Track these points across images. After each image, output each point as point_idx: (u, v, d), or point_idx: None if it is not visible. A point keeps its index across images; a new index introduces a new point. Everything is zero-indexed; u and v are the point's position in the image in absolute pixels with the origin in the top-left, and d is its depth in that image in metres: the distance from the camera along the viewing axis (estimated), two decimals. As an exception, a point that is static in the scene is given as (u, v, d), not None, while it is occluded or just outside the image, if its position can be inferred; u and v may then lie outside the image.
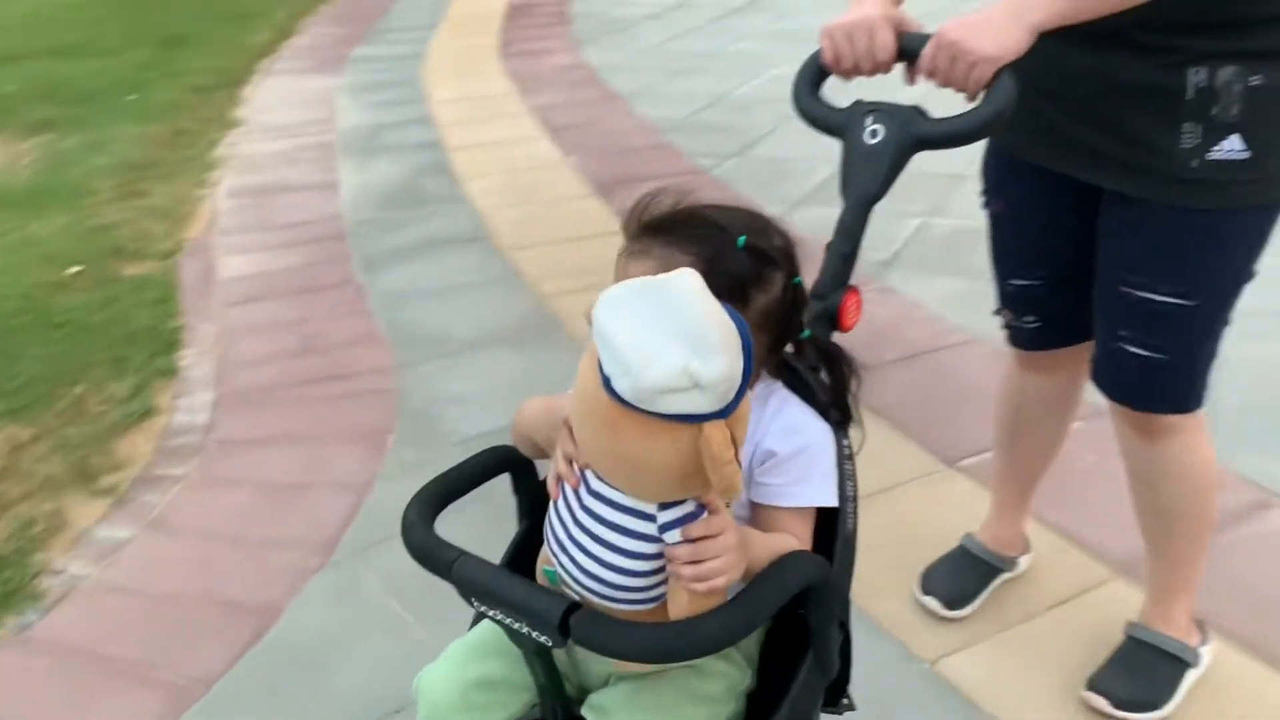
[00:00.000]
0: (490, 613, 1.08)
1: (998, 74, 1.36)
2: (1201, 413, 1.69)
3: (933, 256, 3.61)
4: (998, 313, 1.94)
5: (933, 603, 2.04)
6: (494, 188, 4.46)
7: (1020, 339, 1.92)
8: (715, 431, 0.95)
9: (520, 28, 7.35)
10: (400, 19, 7.94)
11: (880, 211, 1.37)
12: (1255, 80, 1.45)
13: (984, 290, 3.28)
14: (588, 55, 6.54)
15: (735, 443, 0.97)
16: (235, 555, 2.39)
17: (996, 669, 1.95)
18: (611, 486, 1.04)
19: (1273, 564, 2.15)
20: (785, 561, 1.08)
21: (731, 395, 0.96)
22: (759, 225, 1.20)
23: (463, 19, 7.79)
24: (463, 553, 1.09)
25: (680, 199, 1.22)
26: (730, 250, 1.13)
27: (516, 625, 1.06)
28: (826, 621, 1.18)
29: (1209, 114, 1.47)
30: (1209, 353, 1.64)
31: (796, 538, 1.15)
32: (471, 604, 1.11)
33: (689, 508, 1.03)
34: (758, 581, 1.05)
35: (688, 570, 1.01)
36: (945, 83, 1.39)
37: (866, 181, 1.36)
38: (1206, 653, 1.89)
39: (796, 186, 4.30)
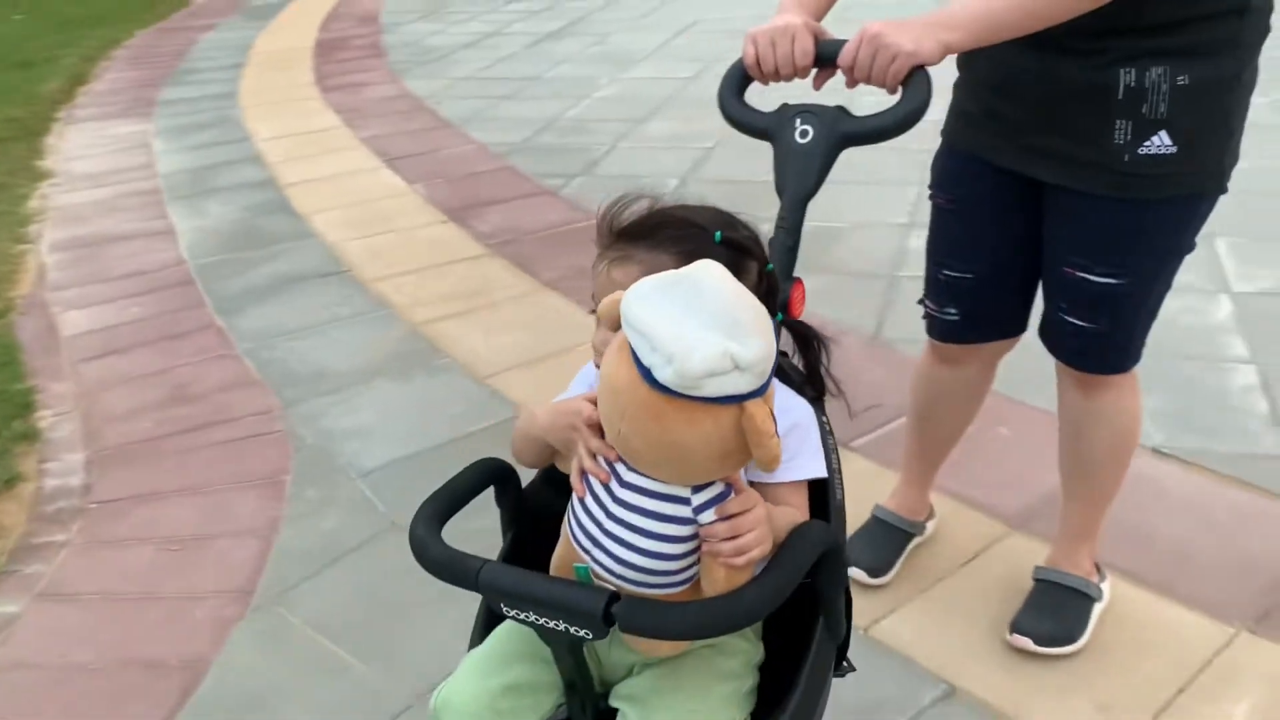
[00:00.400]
0: (522, 615, 1.09)
1: (913, 72, 1.45)
2: (1136, 369, 1.87)
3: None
4: (922, 301, 2.02)
5: (857, 573, 2.16)
6: (341, 221, 4.39)
7: (938, 330, 2.00)
8: (758, 409, 1.00)
9: (335, 62, 7.23)
10: (202, 59, 7.67)
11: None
12: (1181, 79, 1.56)
13: (846, 284, 3.51)
14: (410, 85, 6.50)
15: (772, 417, 1.03)
16: (146, 614, 2.28)
17: (926, 627, 2.09)
18: (645, 475, 1.07)
19: (1147, 507, 2.37)
20: (802, 531, 1.13)
21: (768, 373, 1.02)
22: (727, 219, 1.26)
23: (269, 56, 7.60)
24: (486, 560, 1.10)
25: (653, 203, 1.27)
26: (709, 245, 1.18)
27: (552, 624, 1.07)
28: (836, 587, 1.26)
29: (1139, 112, 1.58)
30: (1144, 323, 1.80)
31: (797, 509, 1.21)
32: (502, 611, 1.12)
33: (719, 488, 1.07)
34: (783, 552, 1.10)
35: (727, 546, 1.05)
36: (865, 76, 1.47)
37: (803, 179, 1.43)
38: (1106, 588, 2.08)
39: (647, 200, 4.42)
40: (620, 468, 1.08)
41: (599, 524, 1.11)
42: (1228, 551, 2.24)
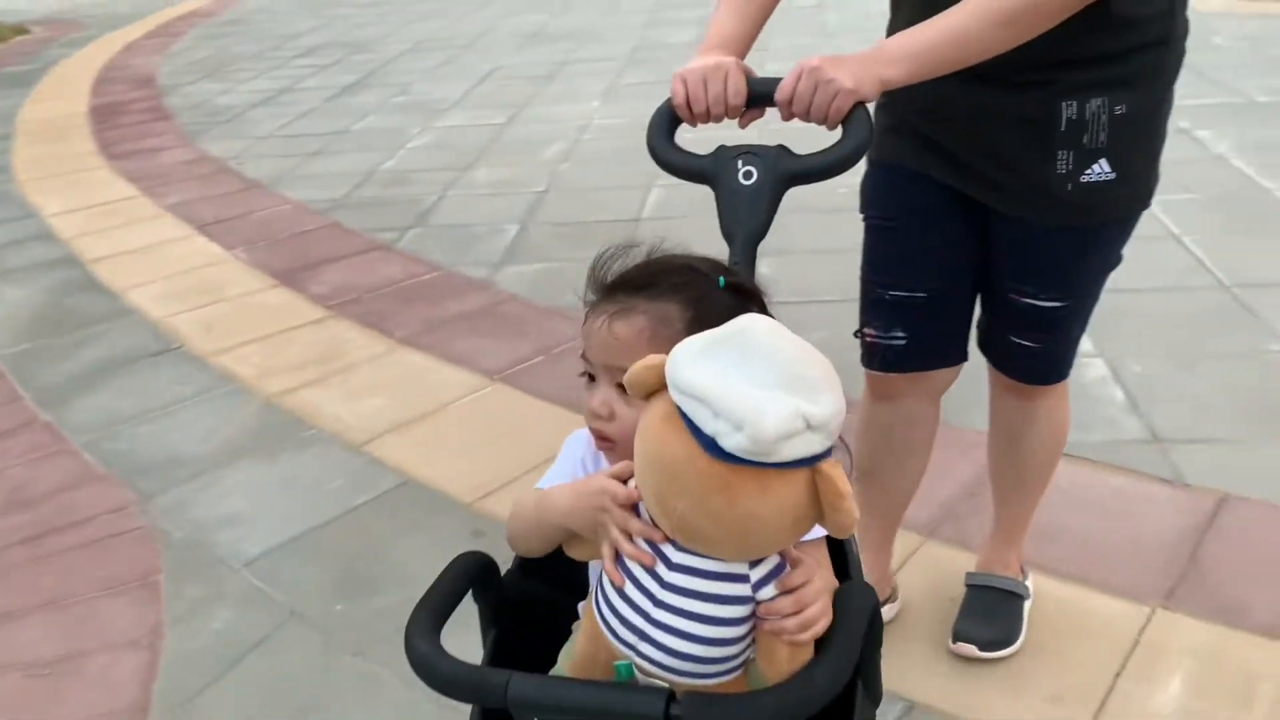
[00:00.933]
0: None
1: (854, 108, 1.42)
2: (1069, 378, 1.93)
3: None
4: (859, 333, 1.91)
5: None
6: (161, 294, 4.09)
7: (880, 358, 1.88)
8: (834, 470, 0.92)
9: (117, 128, 6.78)
10: (-38, 132, 7.05)
11: (582, 260, 1.36)
12: (1119, 109, 1.59)
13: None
14: (207, 147, 6.18)
15: None
16: (24, 752, 2.03)
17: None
18: (699, 555, 0.97)
19: (1045, 501, 2.47)
20: (848, 595, 1.05)
21: (839, 430, 0.94)
22: (723, 265, 1.21)
23: (40, 126, 7.06)
24: (511, 672, 0.97)
25: (651, 250, 1.20)
26: (713, 292, 1.13)
27: None
28: (875, 649, 1.18)
29: (1080, 142, 1.60)
30: (1080, 334, 1.86)
31: (823, 567, 1.13)
32: None
33: (775, 560, 0.99)
34: (839, 621, 1.01)
35: (792, 622, 0.97)
36: (804, 111, 1.44)
37: (753, 220, 1.39)
38: (1030, 584, 2.15)
39: (492, 247, 4.34)
40: (668, 549, 0.99)
41: (644, 614, 1.00)
42: (1123, 535, 2.36)
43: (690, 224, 4.44)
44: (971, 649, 2.01)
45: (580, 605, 1.26)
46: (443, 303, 3.83)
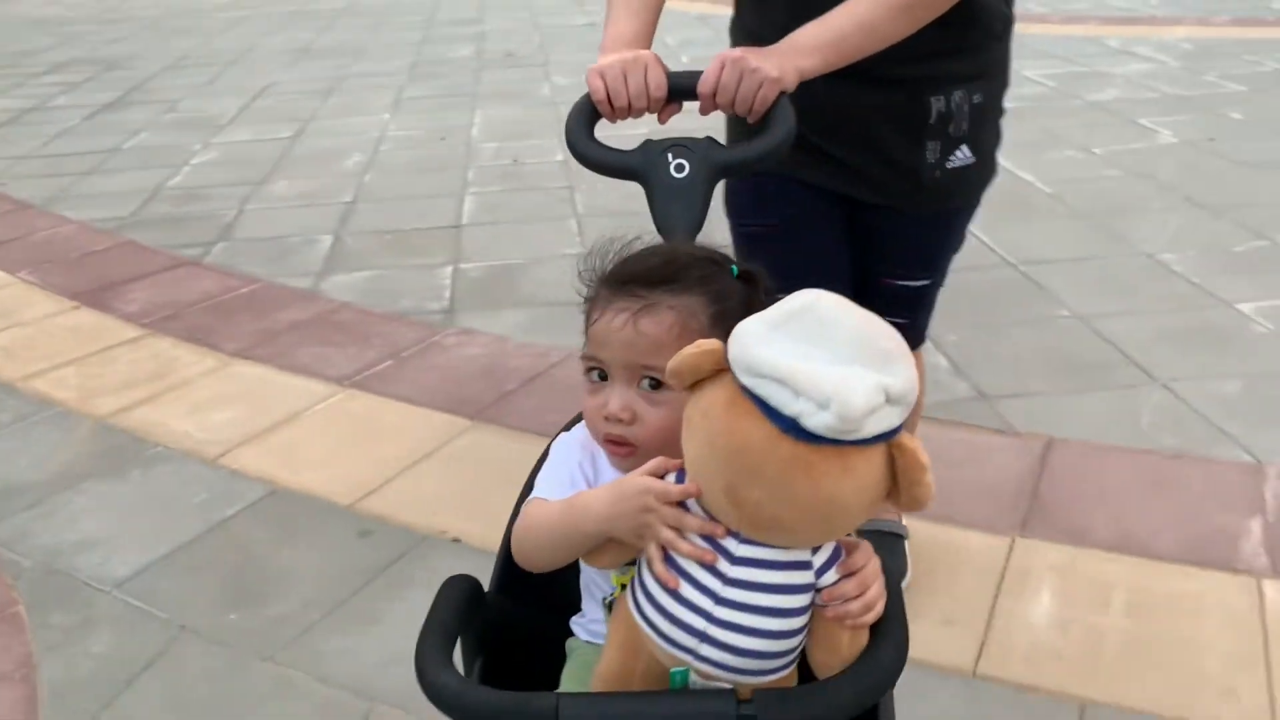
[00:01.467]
0: None
1: (777, 98, 1.45)
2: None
3: (482, 296, 3.80)
4: None
5: None
6: (-58, 324, 3.74)
7: None
8: (914, 443, 0.89)
9: None
10: None
11: (410, 267, 1.33)
12: (976, 99, 1.74)
13: (545, 314, 3.59)
14: (-43, 169, 5.65)
15: None
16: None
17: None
18: (763, 545, 0.93)
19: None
20: (890, 574, 1.01)
21: (914, 403, 0.90)
22: (727, 255, 1.18)
23: None
24: (556, 694, 0.91)
25: (672, 245, 1.18)
26: (729, 281, 1.11)
27: None
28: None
29: (947, 131, 1.72)
30: (934, 305, 2.05)
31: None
32: None
33: (833, 545, 0.96)
34: (890, 601, 0.98)
35: (855, 605, 0.94)
36: (729, 101, 1.46)
37: (689, 214, 1.36)
38: (906, 524, 2.35)
39: (309, 258, 4.23)
40: (729, 543, 0.93)
41: (705, 614, 0.93)
42: (974, 479, 2.61)
43: (510, 230, 4.53)
44: None
45: (574, 622, 1.23)
46: (270, 314, 3.70)
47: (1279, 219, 4.17)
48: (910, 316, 1.97)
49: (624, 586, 1.05)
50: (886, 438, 0.88)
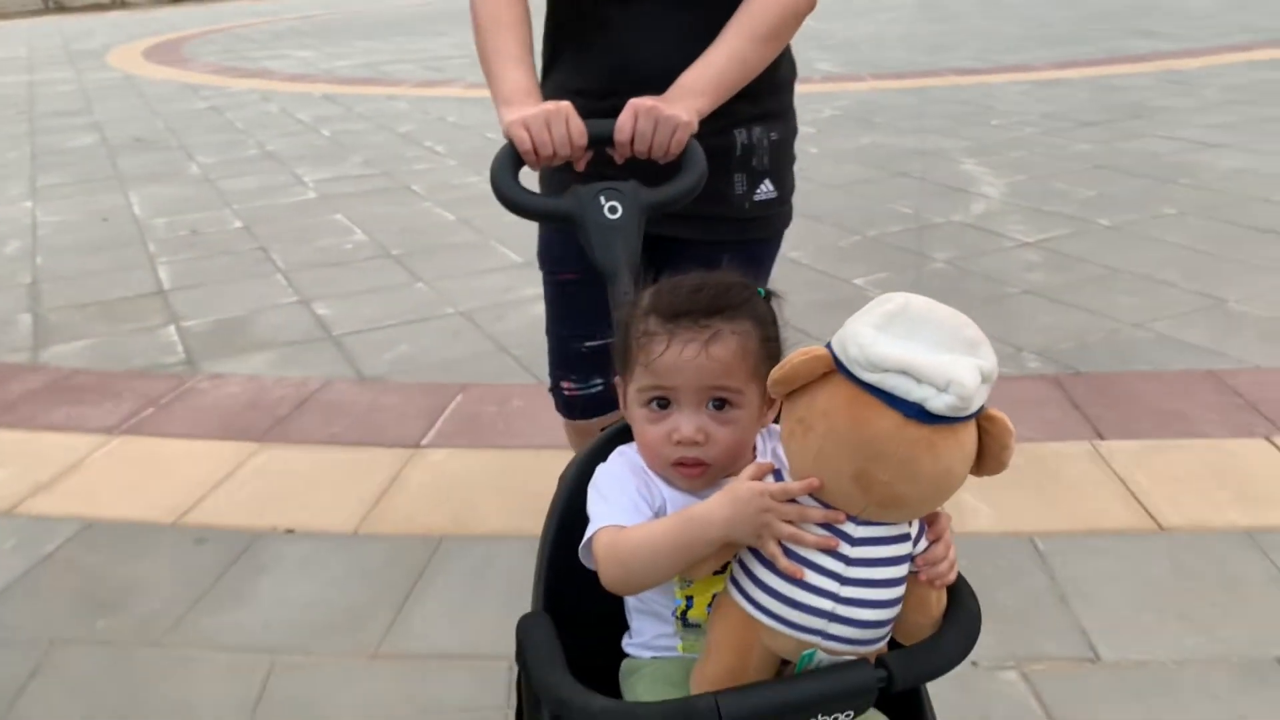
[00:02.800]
0: None
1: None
2: None
3: (219, 345, 3.99)
4: (555, 388, 2.01)
5: None
6: None
7: (580, 407, 1.97)
8: (1001, 415, 1.00)
9: None
10: None
11: (129, 331, 1.55)
12: (774, 136, 1.82)
13: (289, 352, 3.85)
14: None
15: None
16: None
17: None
18: (878, 524, 1.03)
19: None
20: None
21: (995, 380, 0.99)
22: (745, 280, 1.23)
23: None
24: (713, 694, 0.98)
25: (697, 276, 1.22)
26: (761, 302, 1.19)
27: None
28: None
29: (751, 165, 1.80)
30: None
31: None
32: None
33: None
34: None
35: (945, 565, 1.05)
36: (646, 148, 1.54)
37: (627, 252, 1.43)
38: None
39: (15, 336, 4.19)
40: (848, 527, 1.02)
41: (832, 595, 1.03)
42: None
43: (217, 290, 4.78)
44: None
45: (627, 644, 1.28)
46: (-2, 388, 3.67)
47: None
48: None
49: (690, 598, 1.17)
50: (979, 414, 0.99)
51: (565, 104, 1.53)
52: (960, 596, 1.08)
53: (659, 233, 1.72)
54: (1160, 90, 8.36)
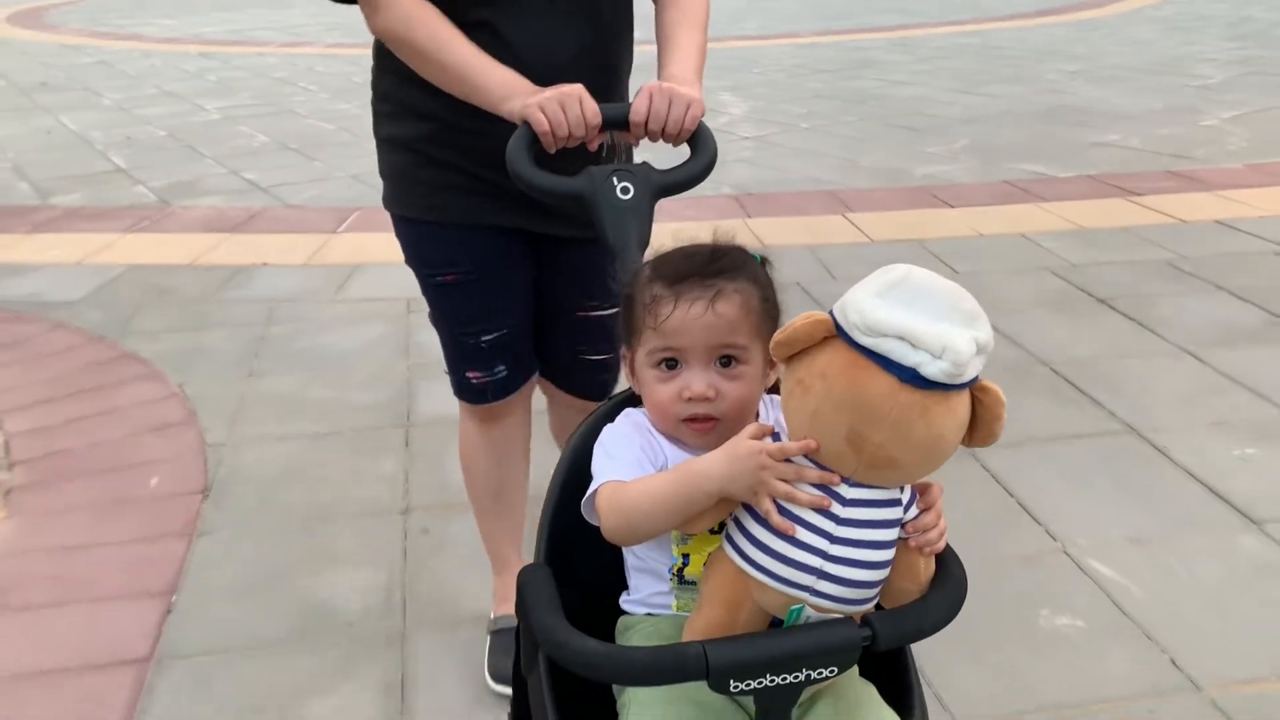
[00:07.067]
0: (757, 683, 1.01)
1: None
2: None
3: (182, 192, 5.70)
4: (460, 380, 2.00)
5: (498, 686, 2.08)
6: None
7: (492, 392, 1.99)
8: (995, 387, 1.01)
9: None
10: None
11: None
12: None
13: (230, 198, 5.48)
14: None
15: None
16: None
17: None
18: (869, 487, 1.04)
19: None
20: None
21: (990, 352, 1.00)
22: (741, 245, 1.28)
23: None
24: (700, 643, 1.00)
25: (692, 244, 1.26)
26: (758, 265, 1.25)
27: (795, 677, 1.02)
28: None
29: (617, 160, 1.73)
30: None
31: None
32: (727, 688, 1.01)
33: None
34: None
35: (934, 533, 1.07)
36: (660, 127, 1.55)
37: (639, 230, 1.46)
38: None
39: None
40: (841, 488, 1.04)
41: (821, 553, 1.04)
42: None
43: (163, 168, 6.48)
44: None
45: (625, 601, 1.31)
46: None
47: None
48: (608, 349, 1.97)
49: (686, 556, 1.22)
50: (973, 383, 1.00)
51: (578, 86, 1.54)
52: (947, 565, 1.10)
53: (542, 231, 1.86)
54: (888, 50, 10.75)
